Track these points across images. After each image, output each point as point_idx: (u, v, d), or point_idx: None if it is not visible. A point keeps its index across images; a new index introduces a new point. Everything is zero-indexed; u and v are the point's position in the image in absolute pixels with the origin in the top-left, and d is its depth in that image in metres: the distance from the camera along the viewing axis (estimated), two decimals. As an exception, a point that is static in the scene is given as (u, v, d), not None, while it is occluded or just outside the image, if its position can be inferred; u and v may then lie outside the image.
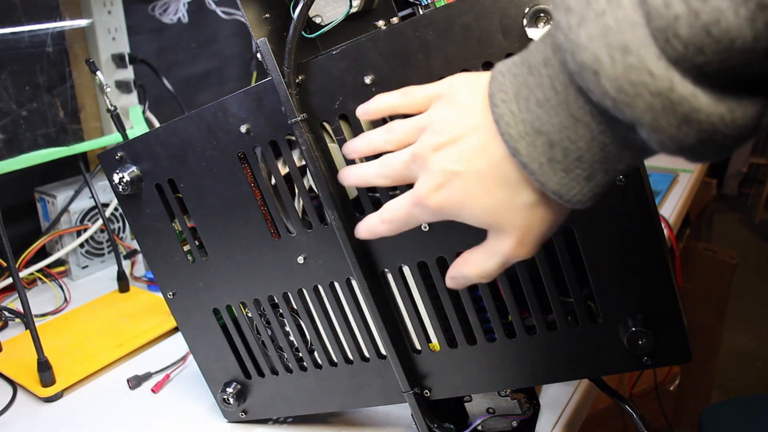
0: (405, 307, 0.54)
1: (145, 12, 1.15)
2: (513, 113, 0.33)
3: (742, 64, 0.26)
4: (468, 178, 0.35)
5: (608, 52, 0.28)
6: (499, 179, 0.34)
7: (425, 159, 0.36)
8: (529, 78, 0.32)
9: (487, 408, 0.59)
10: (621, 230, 0.45)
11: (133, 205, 0.60)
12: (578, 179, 0.32)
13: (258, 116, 0.51)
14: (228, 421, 0.68)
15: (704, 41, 0.26)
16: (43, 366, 0.73)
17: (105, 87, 0.80)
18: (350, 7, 0.51)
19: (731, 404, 1.25)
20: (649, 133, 0.29)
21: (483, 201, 0.35)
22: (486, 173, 0.34)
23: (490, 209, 0.35)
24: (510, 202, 0.35)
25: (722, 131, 0.28)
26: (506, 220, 0.35)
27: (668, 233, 1.09)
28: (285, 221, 0.55)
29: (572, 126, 0.31)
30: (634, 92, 0.28)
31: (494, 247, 0.37)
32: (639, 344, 0.47)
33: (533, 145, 0.32)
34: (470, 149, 0.35)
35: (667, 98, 0.27)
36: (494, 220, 0.36)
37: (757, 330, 2.35)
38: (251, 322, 0.62)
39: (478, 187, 0.35)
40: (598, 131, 0.31)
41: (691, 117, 0.28)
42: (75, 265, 1.03)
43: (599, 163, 0.32)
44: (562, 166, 0.32)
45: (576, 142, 0.31)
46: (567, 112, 0.31)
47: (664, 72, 0.27)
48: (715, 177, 2.55)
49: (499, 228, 0.36)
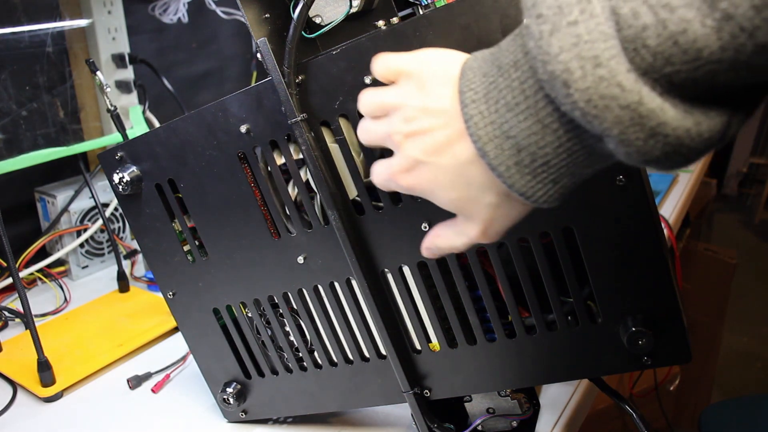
0: (405, 307, 0.54)
1: (145, 12, 1.15)
2: (482, 114, 0.33)
3: (710, 74, 0.26)
4: (435, 169, 0.36)
5: (579, 64, 0.28)
6: (464, 178, 0.35)
7: (398, 143, 0.37)
8: (499, 79, 0.32)
9: (487, 408, 0.59)
10: (621, 230, 0.45)
11: (133, 205, 0.60)
12: (545, 182, 0.33)
13: (258, 116, 0.51)
14: (228, 421, 0.68)
15: (672, 51, 0.26)
16: (43, 366, 0.73)
17: (105, 87, 0.80)
18: (350, 7, 0.51)
19: (731, 404, 1.25)
20: (616, 145, 0.29)
21: (449, 193, 0.36)
22: (452, 169, 0.35)
23: (456, 201, 0.36)
24: (474, 199, 0.36)
25: (687, 144, 0.28)
26: (471, 212, 0.37)
27: (668, 233, 1.09)
28: (285, 221, 0.55)
29: (540, 132, 0.31)
30: (604, 105, 0.28)
31: (462, 228, 0.38)
32: (639, 344, 0.47)
33: (501, 148, 0.33)
34: (438, 143, 0.35)
35: (635, 112, 0.28)
36: (459, 211, 0.37)
37: (757, 330, 2.35)
38: (251, 322, 0.62)
39: (444, 179, 0.36)
40: (566, 139, 0.31)
41: (658, 131, 0.28)
42: (75, 265, 1.03)
43: (566, 168, 0.32)
44: (530, 170, 0.32)
45: (544, 148, 0.32)
46: (536, 117, 0.31)
47: (633, 85, 0.27)
48: (715, 177, 2.55)
49: (466, 216, 0.37)
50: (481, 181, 0.35)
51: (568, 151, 0.31)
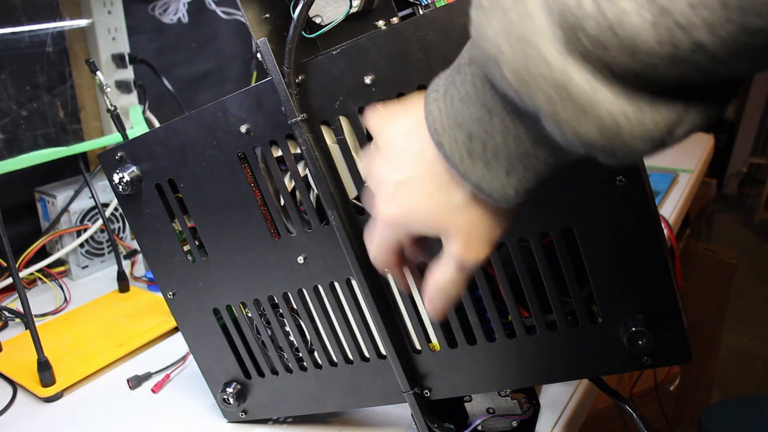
0: (405, 307, 0.54)
1: (145, 12, 1.15)
2: (440, 109, 0.34)
3: (650, 67, 0.26)
4: (411, 185, 0.37)
5: (509, 44, 0.29)
6: (434, 181, 0.36)
7: (379, 178, 0.38)
8: (456, 76, 0.34)
9: (487, 408, 0.59)
10: (621, 230, 0.45)
11: (133, 205, 0.60)
12: (497, 173, 0.33)
13: (258, 116, 0.51)
14: (228, 421, 0.68)
15: (610, 41, 0.26)
16: (43, 366, 0.73)
17: (105, 87, 0.80)
18: (350, 7, 0.51)
19: (731, 404, 1.25)
20: (551, 126, 0.29)
21: (425, 205, 0.36)
22: (424, 176, 0.36)
23: (432, 212, 0.36)
24: (446, 203, 0.36)
25: (629, 131, 0.28)
26: (447, 222, 0.36)
27: (668, 233, 1.09)
28: (285, 221, 0.55)
29: (487, 118, 0.32)
30: (534, 83, 0.28)
31: (447, 253, 0.38)
32: (639, 344, 0.47)
33: (454, 138, 0.33)
34: (411, 156, 0.36)
35: (564, 90, 0.28)
36: (438, 224, 0.37)
37: (757, 330, 2.35)
38: (251, 322, 0.62)
39: (419, 192, 0.36)
40: (511, 124, 0.32)
41: (589, 111, 0.28)
42: (75, 265, 1.03)
43: (517, 158, 0.33)
44: (482, 159, 0.33)
45: (492, 134, 0.32)
46: (482, 103, 0.32)
47: (562, 65, 0.28)
48: (715, 177, 2.55)
49: (445, 232, 0.37)
50: (447, 181, 0.35)
51: (514, 137, 0.32)
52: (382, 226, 0.39)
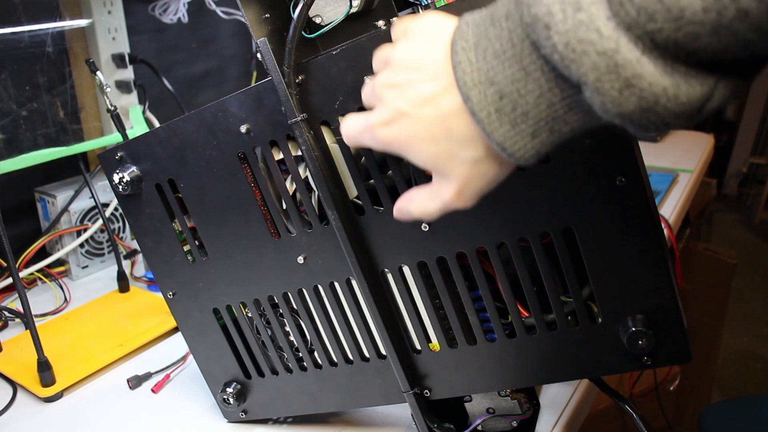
0: (405, 307, 0.54)
1: (145, 12, 1.14)
2: (470, 61, 0.33)
3: (692, 36, 0.27)
4: (417, 121, 0.36)
5: (561, 7, 0.29)
6: (446, 131, 0.35)
7: (380, 94, 0.38)
8: (490, 29, 0.33)
9: (487, 408, 0.59)
10: (621, 230, 0.45)
11: (133, 205, 0.60)
12: (523, 134, 0.33)
13: (258, 116, 0.51)
14: (228, 421, 0.68)
15: (655, 8, 0.27)
16: (43, 366, 0.73)
17: (105, 87, 0.80)
18: (350, 7, 0.51)
19: (731, 404, 1.25)
20: (592, 94, 0.30)
21: (428, 146, 0.36)
22: (434, 121, 0.35)
23: (434, 156, 0.36)
24: (454, 154, 0.36)
25: (664, 104, 0.29)
26: (448, 168, 0.36)
27: (668, 233, 1.09)
28: (285, 221, 0.55)
29: (523, 79, 0.32)
30: (581, 49, 0.29)
31: (436, 191, 0.38)
32: (639, 344, 0.47)
33: (484, 94, 0.33)
34: (423, 95, 0.36)
35: (612, 59, 0.28)
36: (437, 166, 0.37)
37: (757, 330, 2.35)
38: (251, 322, 0.62)
39: (424, 131, 0.36)
40: (547, 88, 0.32)
41: (634, 83, 0.28)
42: (75, 265, 1.03)
43: (545, 121, 0.33)
44: (509, 119, 0.33)
45: (525, 96, 0.32)
46: (520, 65, 0.32)
47: (612, 33, 0.28)
48: (715, 177, 2.55)
49: (442, 174, 0.37)
50: (463, 134, 0.35)
51: (548, 102, 0.32)
52: (367, 133, 0.39)
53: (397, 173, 0.49)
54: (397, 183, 0.49)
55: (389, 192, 0.50)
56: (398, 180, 0.49)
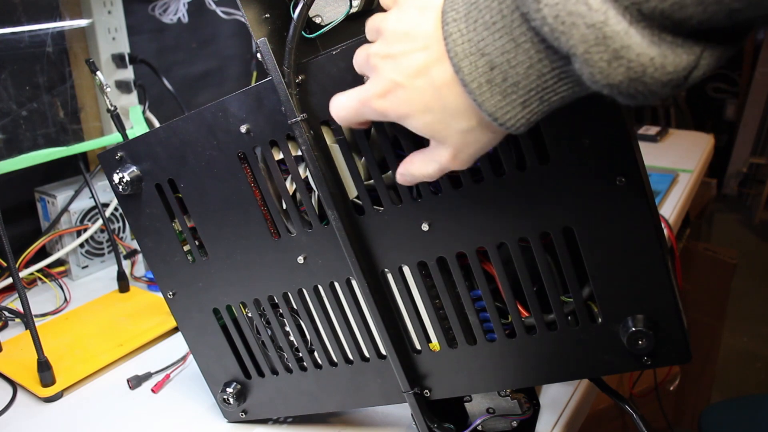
0: (405, 307, 0.54)
1: (145, 12, 1.15)
2: (461, 32, 0.34)
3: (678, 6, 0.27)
4: (411, 91, 0.37)
5: None
6: (439, 102, 0.36)
7: (375, 65, 0.39)
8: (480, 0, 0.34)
9: (487, 408, 0.59)
10: (621, 230, 0.45)
11: (133, 205, 0.60)
12: (514, 105, 0.34)
13: (258, 116, 0.51)
14: (228, 421, 0.68)
15: None
16: (43, 366, 0.73)
17: (105, 87, 0.80)
18: (350, 7, 0.51)
19: (731, 404, 1.25)
20: (581, 65, 0.30)
21: (423, 116, 0.37)
22: (427, 92, 0.36)
23: (429, 124, 0.38)
24: (447, 123, 0.37)
25: (651, 74, 0.29)
26: (443, 136, 0.38)
27: (668, 233, 1.09)
28: (285, 221, 0.55)
29: (513, 50, 0.32)
30: (570, 22, 0.29)
31: (434, 154, 0.40)
32: (639, 344, 0.47)
33: (475, 65, 0.34)
34: (416, 65, 0.36)
35: (600, 31, 0.29)
36: (432, 134, 0.39)
37: (757, 330, 2.35)
38: (251, 322, 0.62)
39: (419, 102, 0.37)
40: (537, 59, 0.32)
41: (622, 54, 0.29)
42: (75, 265, 1.03)
43: (535, 91, 0.33)
44: (500, 89, 0.33)
45: (515, 67, 0.33)
46: (510, 36, 0.32)
47: (600, 5, 0.28)
48: (715, 177, 2.55)
49: (439, 140, 0.39)
50: (456, 105, 0.36)
51: (538, 72, 0.32)
52: (363, 106, 0.40)
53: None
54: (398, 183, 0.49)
55: (387, 192, 0.50)
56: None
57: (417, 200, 0.49)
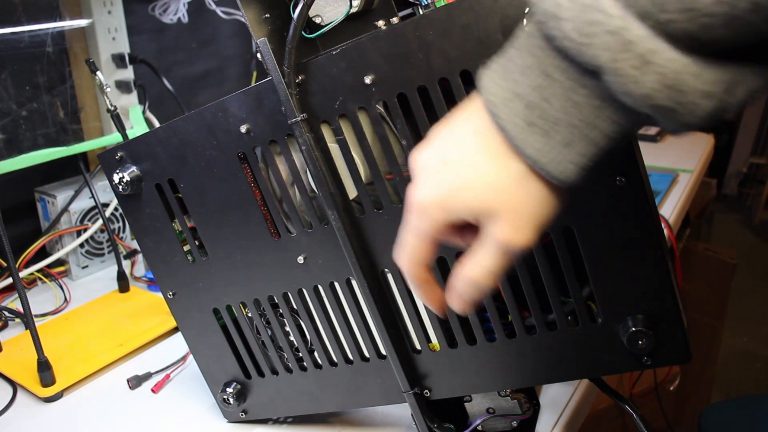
0: (405, 307, 0.54)
1: (145, 12, 1.14)
2: (495, 82, 0.34)
3: (705, 28, 0.27)
4: (458, 161, 0.35)
5: None
6: (486, 153, 0.34)
7: (422, 165, 0.36)
8: (511, 50, 0.33)
9: (487, 408, 0.59)
10: (621, 230, 0.45)
11: (133, 205, 0.60)
12: (556, 145, 0.32)
13: (258, 116, 0.51)
14: (228, 421, 0.68)
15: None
16: (43, 366, 0.73)
17: (105, 87, 0.80)
18: (350, 7, 0.51)
19: (731, 404, 1.25)
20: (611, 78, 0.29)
21: (472, 183, 0.34)
22: (474, 150, 0.34)
23: (480, 190, 0.34)
24: (497, 177, 0.34)
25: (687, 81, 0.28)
26: (496, 199, 0.34)
27: (668, 233, 1.09)
28: (285, 221, 0.55)
29: (546, 85, 0.32)
30: (590, 31, 0.29)
31: (489, 238, 0.35)
32: (639, 344, 0.47)
33: (511, 108, 0.33)
34: (460, 136, 0.35)
35: (622, 37, 0.28)
36: (484, 203, 0.34)
37: (757, 330, 2.35)
38: (251, 322, 0.62)
39: (467, 168, 0.34)
40: (569, 86, 0.31)
41: (650, 58, 0.28)
42: (75, 265, 1.03)
43: (577, 128, 0.32)
44: (540, 129, 0.32)
45: (550, 101, 0.32)
46: (540, 70, 0.32)
47: (618, 12, 0.28)
48: (715, 177, 2.55)
49: (493, 212, 0.34)
50: (502, 153, 0.34)
51: (574, 104, 0.31)
52: (416, 216, 0.36)
53: (398, 173, 0.49)
54: (397, 183, 0.49)
55: (389, 192, 0.50)
56: (398, 180, 0.49)
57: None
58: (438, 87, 0.45)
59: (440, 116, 0.46)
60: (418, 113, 0.46)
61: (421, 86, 0.45)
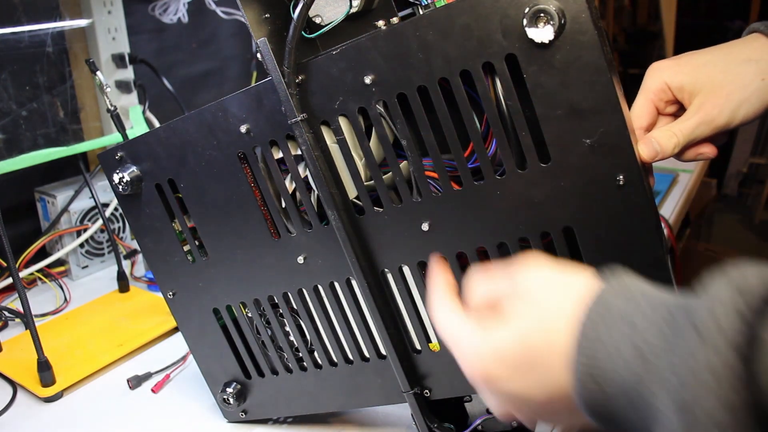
0: (405, 307, 0.54)
1: (145, 12, 1.15)
2: None
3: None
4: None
5: None
6: None
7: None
8: None
9: (487, 408, 0.59)
10: (621, 230, 0.45)
11: (133, 205, 0.60)
12: None
13: (258, 116, 0.51)
14: (228, 421, 0.68)
15: None
16: (43, 366, 0.73)
17: (105, 87, 0.80)
18: (350, 7, 0.51)
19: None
20: None
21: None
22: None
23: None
24: None
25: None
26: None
27: (668, 233, 1.09)
28: (285, 221, 0.55)
29: None
30: None
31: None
32: (639, 344, 0.47)
33: None
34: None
35: None
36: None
37: (757, 330, 2.34)
38: (251, 322, 0.62)
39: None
40: None
41: None
42: (75, 265, 1.03)
43: None
44: None
45: None
46: None
47: None
48: (715, 177, 2.55)
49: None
50: None
51: None
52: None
53: (397, 173, 0.49)
54: (397, 183, 0.49)
55: (389, 192, 0.50)
56: (398, 180, 0.49)
57: (417, 200, 0.49)
58: (438, 87, 0.45)
59: (440, 116, 0.46)
60: (418, 113, 0.46)
61: (421, 86, 0.45)
